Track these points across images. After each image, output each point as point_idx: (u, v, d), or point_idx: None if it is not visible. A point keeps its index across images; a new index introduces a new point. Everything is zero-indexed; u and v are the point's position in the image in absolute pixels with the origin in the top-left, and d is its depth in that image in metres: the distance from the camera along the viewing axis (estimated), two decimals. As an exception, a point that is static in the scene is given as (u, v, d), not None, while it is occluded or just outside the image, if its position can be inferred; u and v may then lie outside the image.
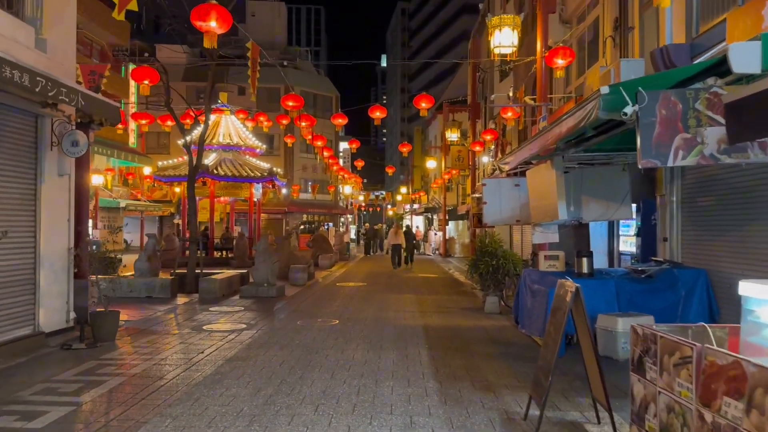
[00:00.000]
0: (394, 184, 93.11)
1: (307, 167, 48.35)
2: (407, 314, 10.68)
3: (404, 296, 13.54)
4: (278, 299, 12.70)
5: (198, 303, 12.04)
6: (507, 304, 11.26)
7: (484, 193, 11.74)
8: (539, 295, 8.31)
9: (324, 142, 18.85)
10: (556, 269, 9.12)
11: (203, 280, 12.83)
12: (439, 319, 10.20)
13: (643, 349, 3.73)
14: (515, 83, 20.57)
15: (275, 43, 54.01)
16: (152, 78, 11.10)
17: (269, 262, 13.21)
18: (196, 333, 8.67)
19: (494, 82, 26.20)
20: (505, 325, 9.59)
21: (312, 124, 15.20)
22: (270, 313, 10.71)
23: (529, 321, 8.65)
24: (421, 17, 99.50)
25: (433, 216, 46.51)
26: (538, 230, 9.86)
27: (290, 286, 15.50)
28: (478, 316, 10.57)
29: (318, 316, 10.39)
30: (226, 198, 26.12)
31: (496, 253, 10.94)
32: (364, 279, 18.07)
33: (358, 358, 7.00)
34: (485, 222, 11.93)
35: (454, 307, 11.75)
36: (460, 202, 35.70)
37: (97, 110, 7.81)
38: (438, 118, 46.70)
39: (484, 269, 10.90)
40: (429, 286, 16.18)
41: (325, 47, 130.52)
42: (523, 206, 11.59)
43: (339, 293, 14.12)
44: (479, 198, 17.06)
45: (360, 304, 11.98)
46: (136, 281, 12.83)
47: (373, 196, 75.30)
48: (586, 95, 12.19)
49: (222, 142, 24.13)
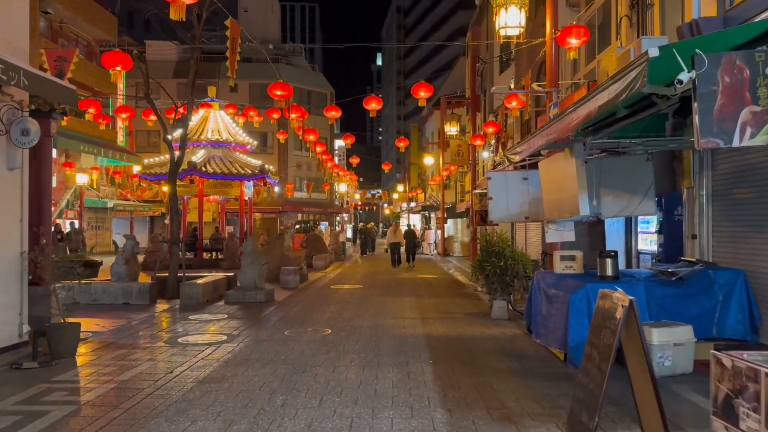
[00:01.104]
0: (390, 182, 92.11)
1: (302, 165, 47.35)
2: (407, 321, 9.70)
3: (403, 300, 12.57)
4: (267, 305, 11.71)
5: (178, 310, 11.04)
6: (516, 308, 10.30)
7: (490, 187, 10.78)
8: (557, 301, 7.35)
9: (316, 136, 17.86)
10: (574, 271, 8.15)
11: (185, 284, 11.82)
12: (443, 326, 9.22)
13: (734, 388, 2.76)
14: (517, 74, 19.61)
15: (268, 39, 52.92)
16: (124, 64, 10.09)
17: (257, 264, 12.21)
18: (170, 347, 7.67)
19: (494, 74, 25.24)
20: (516, 334, 8.61)
21: (303, 116, 14.20)
22: (256, 322, 9.72)
23: (545, 330, 7.68)
24: (416, 14, 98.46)
25: (430, 214, 45.54)
26: (552, 228, 8.89)
27: (281, 289, 14.51)
28: (485, 322, 9.60)
29: (309, 324, 9.40)
30: (215, 197, 25.08)
31: (503, 253, 9.96)
32: (361, 281, 17.09)
33: (352, 379, 6.02)
34: (491, 219, 10.97)
35: (458, 312, 10.77)
36: (458, 200, 34.75)
37: (48, 93, 6.80)
38: (435, 114, 45.72)
39: (491, 271, 9.92)
40: (429, 288, 15.20)
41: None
42: (533, 201, 10.64)
43: (333, 297, 13.13)
44: (482, 194, 16.10)
45: (355, 310, 11.00)
46: (112, 287, 11.82)
47: (370, 195, 74.32)
48: (600, 80, 11.23)
49: (211, 138, 23.09)
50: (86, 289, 11.67)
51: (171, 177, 13.30)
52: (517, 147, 8.15)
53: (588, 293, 6.89)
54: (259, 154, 39.79)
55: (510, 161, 9.07)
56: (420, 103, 13.04)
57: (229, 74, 9.79)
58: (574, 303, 6.86)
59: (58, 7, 29.14)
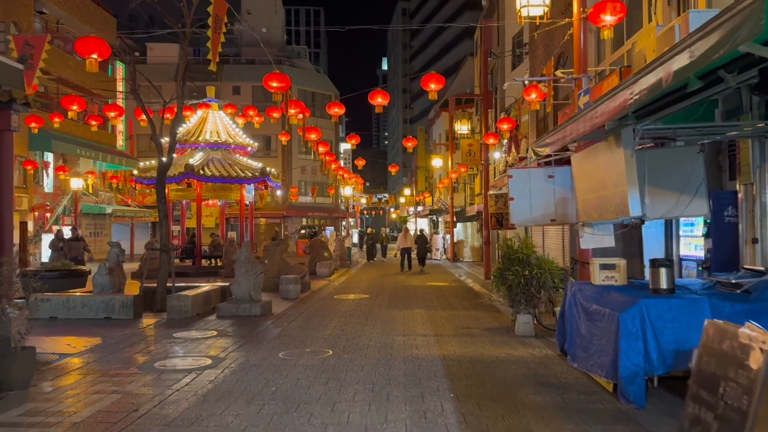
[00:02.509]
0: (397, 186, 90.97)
1: (306, 169, 46.30)
2: (419, 339, 8.52)
3: (414, 312, 11.39)
4: (263, 319, 10.56)
5: (164, 326, 9.90)
6: (542, 324, 9.10)
7: (511, 186, 9.60)
8: (601, 319, 6.15)
9: (318, 135, 16.73)
10: (616, 282, 6.97)
11: (172, 297, 10.68)
12: (461, 346, 8.03)
13: None
14: (532, 67, 18.42)
15: (272, 41, 52.03)
16: (101, 52, 9.00)
17: (252, 273, 11.06)
18: (143, 375, 6.52)
19: (505, 71, 24.07)
20: (547, 356, 7.42)
21: (302, 112, 13.06)
22: (248, 340, 8.56)
23: (585, 353, 6.49)
24: (421, 16, 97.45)
25: (438, 218, 44.33)
26: (588, 232, 7.70)
27: (281, 300, 13.36)
28: (509, 340, 8.40)
29: (307, 344, 8.23)
30: (215, 201, 24.00)
31: (528, 261, 8.77)
32: (367, 290, 15.92)
33: (356, 422, 4.84)
34: (512, 222, 9.76)
35: (476, 328, 9.58)
36: (468, 203, 33.55)
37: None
38: (442, 116, 44.59)
39: (514, 281, 8.73)
40: (441, 297, 14.01)
41: (325, 49, 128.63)
42: (559, 202, 9.44)
43: (337, 309, 11.97)
44: (498, 195, 14.91)
45: (360, 325, 9.82)
46: (92, 299, 10.70)
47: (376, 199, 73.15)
48: (637, 64, 10.04)
49: (209, 140, 22.03)
50: (64, 303, 10.62)
51: (159, 178, 12.19)
52: (547, 137, 6.98)
53: (642, 311, 5.71)
54: (262, 158, 38.85)
55: (537, 155, 7.89)
56: (430, 96, 11.87)
57: (210, 57, 8.67)
58: (624, 323, 5.67)
59: (54, 7, 28.22)
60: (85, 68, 25.58)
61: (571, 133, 6.08)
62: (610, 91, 5.28)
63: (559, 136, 6.44)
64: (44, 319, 10.48)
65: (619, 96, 4.85)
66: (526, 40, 20.04)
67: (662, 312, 5.78)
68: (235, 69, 46.72)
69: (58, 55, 28.76)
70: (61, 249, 17.65)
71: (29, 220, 26.35)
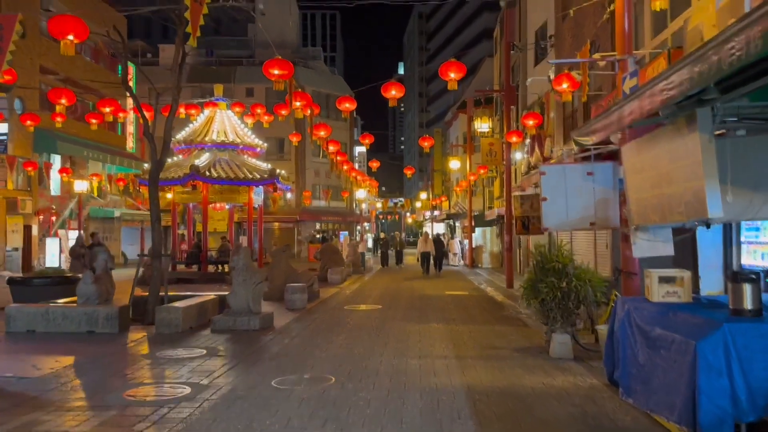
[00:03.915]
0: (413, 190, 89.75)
1: (320, 172, 45.27)
2: (438, 363, 7.30)
3: (431, 327, 10.17)
4: (262, 334, 9.40)
5: (150, 342, 8.79)
6: (581, 344, 7.84)
7: (543, 185, 8.36)
8: (668, 347, 4.90)
9: (328, 132, 15.60)
10: (679, 299, 5.73)
11: (161, 309, 9.58)
12: (488, 372, 6.80)
13: None
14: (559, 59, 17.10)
15: (286, 42, 51.20)
16: (77, 33, 7.94)
17: (251, 282, 9.93)
18: (103, 410, 5.38)
19: (527, 67, 22.79)
20: (594, 387, 6.16)
21: (308, 104, 11.92)
22: (240, 361, 7.42)
23: (645, 388, 5.24)
24: (438, 18, 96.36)
25: (455, 223, 43.01)
26: (642, 238, 6.44)
27: (285, 311, 12.22)
28: (544, 364, 7.15)
29: (307, 367, 7.06)
30: (222, 204, 22.99)
31: (565, 271, 7.53)
32: (380, 299, 14.72)
33: (357, 489, 3.65)
34: (545, 227, 8.52)
35: (504, 347, 8.34)
36: (486, 207, 32.23)
37: None
38: (460, 118, 43.32)
39: (549, 295, 7.49)
40: (461, 308, 12.77)
41: (341, 53, 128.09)
42: (600, 203, 8.19)
43: (345, 322, 10.79)
44: (524, 197, 13.63)
45: (371, 343, 8.62)
46: (74, 311, 9.62)
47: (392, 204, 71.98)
48: (691, 44, 8.76)
49: (216, 140, 21.05)
50: (43, 315, 9.57)
51: (152, 178, 11.12)
52: (596, 122, 5.74)
53: (726, 339, 4.48)
54: (275, 161, 37.82)
55: (579, 145, 6.65)
56: (450, 86, 10.67)
57: (189, 30, 7.54)
58: (704, 354, 4.44)
59: (61, 5, 27.46)
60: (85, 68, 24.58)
61: (631, 113, 4.84)
62: (689, 54, 4.05)
63: (614, 118, 5.20)
64: (21, 333, 9.45)
65: (708, 56, 3.63)
66: (551, 31, 18.78)
67: (750, 340, 4.54)
68: (248, 71, 45.88)
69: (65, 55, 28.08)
70: (82, 256, 16.34)
71: (34, 223, 25.57)
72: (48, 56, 26.28)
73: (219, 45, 50.76)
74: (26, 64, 24.97)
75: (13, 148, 23.37)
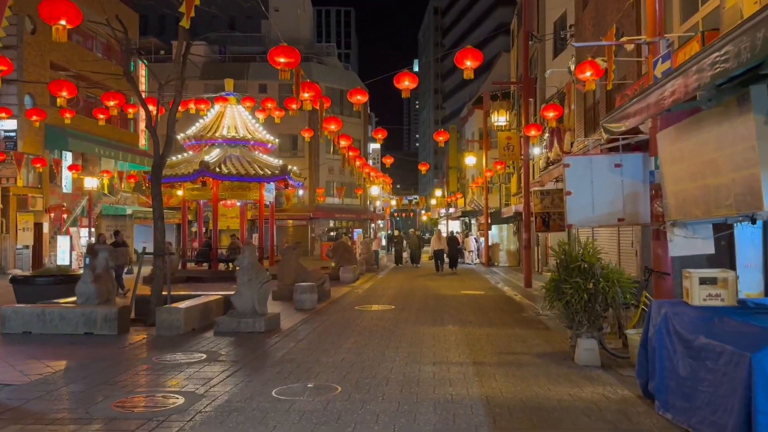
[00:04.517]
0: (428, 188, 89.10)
1: (334, 169, 44.83)
2: (454, 370, 6.75)
3: (446, 329, 9.61)
4: (267, 336, 8.91)
5: (149, 345, 8.34)
6: (609, 350, 7.24)
7: (567, 178, 7.78)
8: (715, 359, 4.31)
9: (339, 126, 15.07)
10: (723, 302, 5.14)
11: (162, 310, 9.13)
12: (509, 381, 6.23)
13: None
14: (579, 50, 16.42)
15: (300, 38, 50.79)
16: (69, 18, 7.49)
17: (256, 282, 9.44)
18: (85, 424, 4.90)
19: (546, 60, 22.10)
20: (626, 399, 5.58)
21: (317, 95, 11.39)
22: (241, 367, 6.92)
23: (687, 404, 4.66)
24: (453, 13, 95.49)
25: (471, 220, 42.33)
26: (679, 234, 5.84)
27: (294, 312, 11.74)
28: (570, 373, 6.56)
29: (312, 374, 6.54)
30: (233, 201, 22.57)
31: (592, 271, 6.93)
32: (393, 299, 14.18)
33: None
34: (569, 223, 7.94)
35: (525, 353, 7.76)
36: (503, 204, 31.55)
37: None
38: (475, 113, 42.62)
39: (574, 297, 6.89)
40: (477, 309, 12.20)
41: (356, 50, 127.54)
42: (629, 197, 7.60)
43: (356, 324, 10.27)
44: (543, 192, 13.02)
45: (381, 347, 8.09)
46: (72, 312, 9.20)
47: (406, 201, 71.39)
48: (728, 25, 8.11)
49: (226, 136, 20.65)
50: (39, 315, 9.16)
51: (154, 173, 10.70)
52: (629, 106, 5.13)
53: (788, 351, 3.87)
54: (289, 158, 37.46)
55: (610, 132, 6.03)
56: (466, 75, 10.08)
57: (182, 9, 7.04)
58: (762, 369, 3.85)
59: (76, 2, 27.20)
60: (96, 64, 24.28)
61: (673, 94, 4.24)
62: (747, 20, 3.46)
63: (652, 100, 4.60)
64: (17, 335, 9.06)
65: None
66: (571, 21, 18.10)
67: (815, 352, 3.94)
68: (261, 67, 45.52)
69: (76, 51, 27.86)
70: None
71: (44, 221, 25.38)
72: (58, 52, 26.05)
73: (232, 42, 50.48)
74: (36, 60, 24.77)
75: (24, 145, 23.19)
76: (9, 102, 22.45)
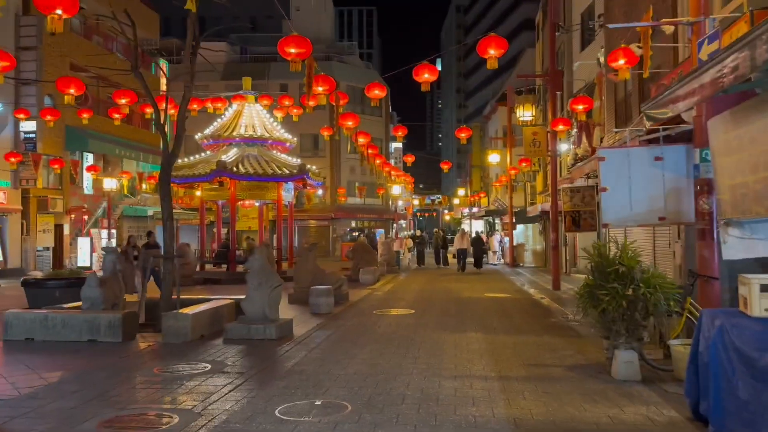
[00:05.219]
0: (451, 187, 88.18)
1: (355, 169, 44.28)
2: (477, 386, 6.13)
3: (468, 337, 8.98)
4: (278, 344, 8.39)
5: (153, 353, 7.88)
6: (650, 362, 6.55)
7: (602, 173, 7.11)
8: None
9: (356, 122, 14.53)
10: (790, 314, 4.43)
11: (168, 316, 8.66)
12: (539, 400, 5.59)
13: None
14: (608, 42, 15.62)
15: (321, 38, 50.45)
16: (65, 7, 7.05)
17: (267, 287, 8.92)
18: (64, 447, 4.42)
19: (573, 53, 21.26)
20: (674, 421, 4.91)
21: (332, 89, 10.86)
22: (247, 379, 6.40)
23: (749, 430, 3.99)
24: (476, 11, 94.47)
25: (495, 220, 41.47)
26: (734, 235, 5.15)
27: (310, 316, 11.21)
28: (607, 389, 5.89)
29: (321, 389, 5.98)
30: (251, 201, 22.20)
31: (631, 276, 6.24)
32: (413, 302, 13.58)
33: None
34: (605, 221, 7.26)
35: (555, 365, 7.10)
36: (528, 203, 30.72)
37: None
38: (499, 110, 41.76)
39: (611, 304, 6.22)
40: (503, 314, 11.53)
41: (378, 49, 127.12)
42: (671, 194, 6.90)
43: (373, 330, 9.71)
44: (573, 189, 12.30)
45: (399, 357, 7.50)
46: (75, 318, 8.78)
47: (429, 201, 70.67)
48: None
49: (244, 135, 20.24)
50: (42, 321, 8.76)
51: (163, 171, 10.27)
52: (678, 88, 4.45)
53: None
54: (310, 157, 37.01)
55: (654, 119, 5.35)
56: (489, 65, 9.46)
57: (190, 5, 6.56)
58: None
59: (93, 3, 27.14)
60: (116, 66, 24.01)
61: (735, 71, 3.57)
62: None
63: (708, 78, 3.92)
64: (19, 342, 8.67)
65: None
66: (600, 11, 17.28)
67: None
68: (282, 67, 45.17)
69: (96, 52, 27.77)
70: (135, 258, 14.54)
71: (65, 222, 25.32)
72: (78, 53, 25.99)
73: (253, 42, 50.33)
74: (56, 61, 24.69)
75: (43, 147, 23.13)
76: (28, 103, 22.40)
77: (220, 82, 42.69)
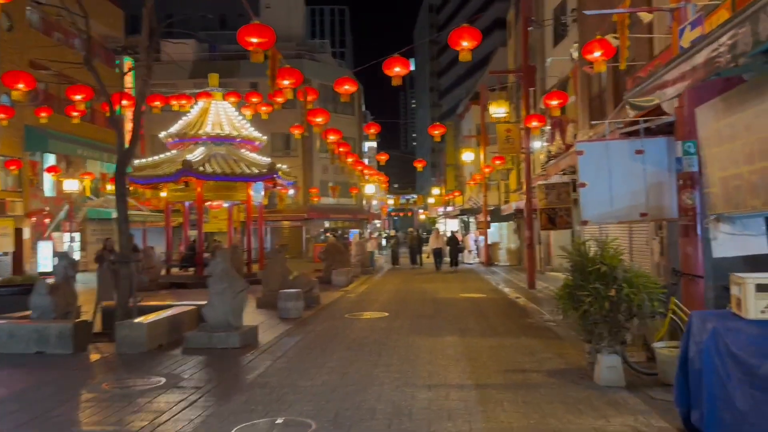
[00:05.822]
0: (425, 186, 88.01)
1: (328, 169, 43.70)
2: (453, 396, 5.71)
3: (444, 341, 8.58)
4: (241, 353, 7.87)
5: (104, 366, 7.31)
6: (634, 366, 6.21)
7: (581, 167, 6.76)
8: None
9: (327, 119, 14.05)
10: (788, 316, 4.10)
11: (122, 325, 8.08)
12: (518, 410, 5.20)
13: None
14: (582, 36, 15.40)
15: (292, 36, 49.73)
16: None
17: (230, 292, 8.39)
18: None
19: (545, 49, 21.07)
20: (663, 430, 4.56)
21: (298, 82, 10.38)
22: (203, 395, 5.89)
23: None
24: (448, 10, 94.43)
25: (469, 219, 41.30)
26: (725, 231, 4.82)
27: (278, 321, 10.71)
28: (591, 397, 5.53)
29: (284, 404, 5.50)
30: (219, 202, 21.52)
31: (614, 275, 5.90)
32: (387, 304, 13.14)
33: None
34: (584, 218, 6.92)
35: (535, 369, 6.73)
36: (502, 201, 30.54)
37: None
38: (472, 109, 41.65)
39: (593, 306, 5.87)
40: (479, 315, 11.17)
41: (350, 48, 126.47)
42: (653, 189, 6.58)
43: (344, 335, 9.24)
44: (549, 186, 12.00)
45: (370, 365, 7.05)
46: (23, 328, 8.15)
47: (404, 200, 70.36)
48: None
49: (211, 133, 19.55)
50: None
51: (118, 169, 9.65)
52: (665, 72, 4.08)
53: None
54: (281, 157, 36.29)
55: (639, 108, 5.00)
56: (462, 57, 9.08)
57: None
58: None
59: (52, -3, 26.13)
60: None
61: (733, 49, 3.21)
62: None
63: (701, 59, 3.55)
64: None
65: None
66: (573, 5, 17.08)
67: None
68: (252, 65, 44.34)
69: (56, 49, 26.74)
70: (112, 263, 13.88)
71: (25, 226, 24.29)
72: (38, 50, 24.97)
73: (223, 39, 49.38)
74: (14, 58, 23.66)
75: (1, 147, 22.12)
76: (-17, 102, 21.38)
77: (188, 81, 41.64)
